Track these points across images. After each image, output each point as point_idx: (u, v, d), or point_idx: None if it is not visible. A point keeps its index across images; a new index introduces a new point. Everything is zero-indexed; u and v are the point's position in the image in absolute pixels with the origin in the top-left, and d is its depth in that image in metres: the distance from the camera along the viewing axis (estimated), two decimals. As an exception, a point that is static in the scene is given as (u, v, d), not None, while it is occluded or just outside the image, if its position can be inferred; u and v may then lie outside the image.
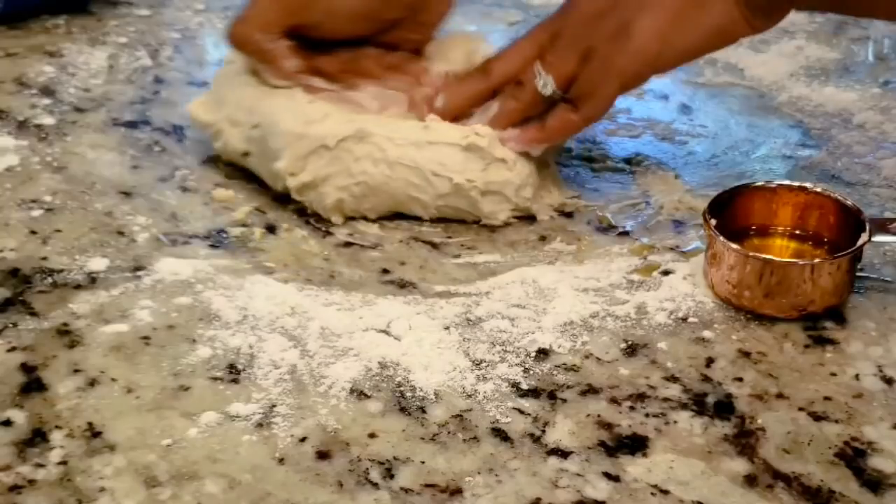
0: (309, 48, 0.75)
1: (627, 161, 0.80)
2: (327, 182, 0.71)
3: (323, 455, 0.54)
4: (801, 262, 0.64)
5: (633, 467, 0.53)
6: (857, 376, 0.59)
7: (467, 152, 0.71)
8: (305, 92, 0.74)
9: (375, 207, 0.73)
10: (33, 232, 0.72)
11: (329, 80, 0.75)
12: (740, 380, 0.59)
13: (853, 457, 0.54)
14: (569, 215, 0.74)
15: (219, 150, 0.78)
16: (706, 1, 0.68)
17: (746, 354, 0.61)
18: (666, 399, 0.58)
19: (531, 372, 0.60)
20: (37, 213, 0.74)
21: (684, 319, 0.64)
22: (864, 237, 0.63)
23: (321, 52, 0.76)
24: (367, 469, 0.53)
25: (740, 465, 0.54)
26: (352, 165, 0.71)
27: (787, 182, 0.69)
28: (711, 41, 0.71)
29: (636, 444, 0.55)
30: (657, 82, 0.90)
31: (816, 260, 0.64)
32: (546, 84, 0.71)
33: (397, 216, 0.74)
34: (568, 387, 0.59)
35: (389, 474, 0.53)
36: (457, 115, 0.73)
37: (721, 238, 0.64)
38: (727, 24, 0.69)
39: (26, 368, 0.60)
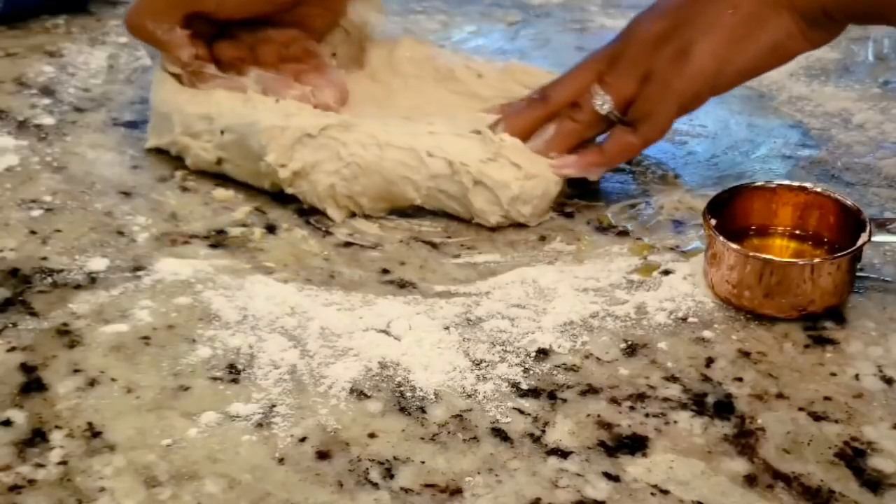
0: (214, 33, 0.77)
1: (627, 161, 0.80)
2: (317, 168, 0.72)
3: (323, 455, 0.54)
4: (800, 262, 0.64)
5: (633, 467, 0.53)
6: (857, 376, 0.59)
7: (471, 140, 0.71)
8: (195, 80, 0.76)
9: (367, 191, 0.72)
10: (33, 232, 0.72)
11: (224, 67, 0.76)
12: (740, 380, 0.59)
13: (853, 457, 0.54)
14: (569, 215, 0.74)
15: (192, 165, 0.78)
16: (763, 18, 0.68)
17: (746, 354, 0.61)
18: (666, 399, 0.58)
19: (531, 372, 0.60)
20: (37, 213, 0.74)
21: (684, 319, 0.64)
22: (863, 237, 0.63)
23: (224, 38, 0.77)
24: (367, 469, 0.53)
25: (740, 465, 0.54)
26: (341, 150, 0.71)
27: (786, 182, 0.69)
28: (769, 58, 0.70)
29: (636, 444, 0.55)
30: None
31: (816, 260, 0.64)
32: (604, 103, 0.71)
33: (397, 216, 0.74)
34: (568, 387, 0.59)
35: (389, 474, 0.53)
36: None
37: (721, 238, 0.64)
38: (784, 39, 0.69)
39: (26, 368, 0.60)
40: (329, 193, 0.73)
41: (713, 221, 0.65)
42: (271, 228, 0.73)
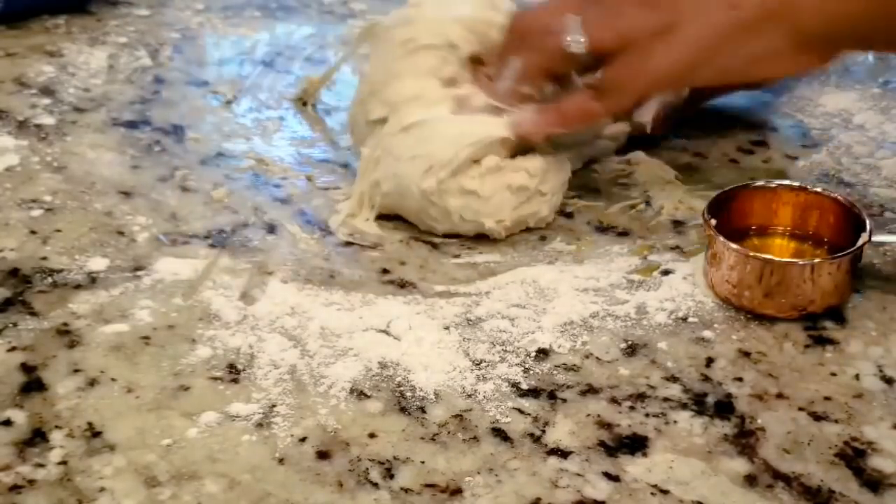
0: None
1: (627, 161, 0.80)
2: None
3: (323, 455, 0.54)
4: (800, 262, 0.64)
5: (633, 467, 0.53)
6: (857, 376, 0.60)
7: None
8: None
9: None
10: (33, 232, 0.72)
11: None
12: (740, 380, 0.59)
13: (853, 457, 0.54)
14: (569, 215, 0.74)
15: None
16: (760, 27, 0.65)
17: (746, 354, 0.61)
18: (666, 399, 0.58)
19: (531, 372, 0.60)
20: (37, 213, 0.74)
21: (684, 319, 0.64)
22: (863, 237, 0.63)
23: None
24: (367, 469, 0.53)
25: (740, 465, 0.54)
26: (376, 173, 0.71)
27: (787, 182, 0.70)
28: (752, 69, 0.67)
29: (636, 444, 0.55)
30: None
31: (816, 260, 0.64)
32: (578, 42, 0.66)
33: (397, 216, 0.74)
34: (568, 387, 0.59)
35: (389, 474, 0.53)
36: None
37: (721, 238, 0.64)
38: (773, 55, 0.66)
39: (26, 368, 0.60)
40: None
41: (713, 221, 0.65)
42: (271, 228, 0.73)
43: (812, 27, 0.64)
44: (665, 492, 0.52)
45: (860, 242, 0.63)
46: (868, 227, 0.64)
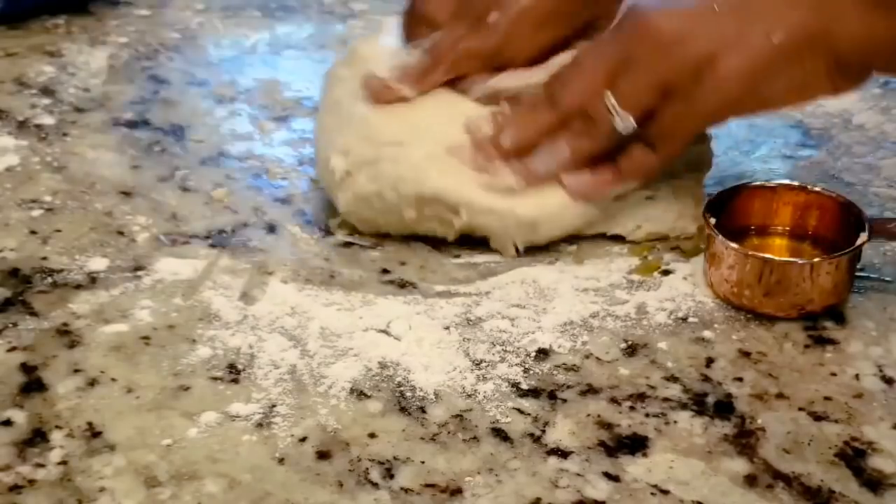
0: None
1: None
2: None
3: (323, 455, 0.54)
4: (800, 262, 0.64)
5: (633, 467, 0.53)
6: (857, 376, 0.59)
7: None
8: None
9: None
10: (33, 232, 0.72)
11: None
12: (740, 380, 0.59)
13: (853, 457, 0.54)
14: (569, 215, 0.74)
15: None
16: (799, 53, 0.62)
17: (746, 354, 0.61)
18: (666, 399, 0.58)
19: (531, 372, 0.60)
20: (37, 213, 0.74)
21: (684, 319, 0.64)
22: (862, 237, 0.63)
23: None
24: (367, 469, 0.53)
25: (740, 465, 0.54)
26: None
27: (786, 182, 0.70)
28: (793, 96, 0.65)
29: (636, 444, 0.55)
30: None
31: (815, 259, 0.64)
32: (625, 123, 0.64)
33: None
34: (568, 387, 0.59)
35: (389, 474, 0.53)
36: (523, 151, 0.67)
37: (720, 237, 0.64)
38: (812, 80, 0.63)
39: (26, 368, 0.60)
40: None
41: (713, 221, 0.65)
42: (271, 228, 0.73)
43: (849, 52, 0.62)
44: (665, 492, 0.52)
45: (859, 242, 0.63)
46: (867, 226, 0.64)
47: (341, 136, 0.70)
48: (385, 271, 0.69)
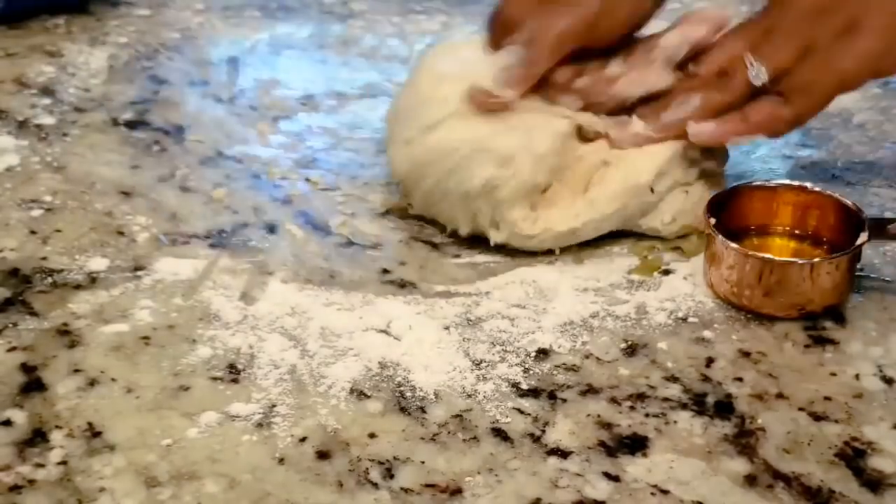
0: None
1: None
2: None
3: (323, 455, 0.54)
4: (800, 262, 0.64)
5: (633, 467, 0.53)
6: (857, 376, 0.60)
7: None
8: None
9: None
10: (33, 232, 0.72)
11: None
12: (740, 380, 0.59)
13: (853, 457, 0.54)
14: (569, 215, 0.74)
15: None
16: None
17: (746, 354, 0.61)
18: (666, 399, 0.58)
19: (531, 372, 0.60)
20: (37, 213, 0.74)
21: (684, 319, 0.64)
22: (862, 237, 0.63)
23: None
24: (367, 469, 0.53)
25: (740, 465, 0.54)
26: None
27: (786, 181, 0.70)
28: None
29: (636, 444, 0.55)
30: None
31: (815, 259, 0.64)
32: (759, 74, 0.65)
33: (397, 216, 0.74)
34: (568, 387, 0.59)
35: (389, 474, 0.53)
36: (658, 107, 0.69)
37: (720, 237, 0.64)
38: None
39: (26, 368, 0.60)
40: None
41: (713, 221, 0.65)
42: (271, 228, 0.73)
43: None
44: (665, 492, 0.52)
45: (859, 242, 0.63)
46: (867, 226, 0.64)
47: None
48: (385, 271, 0.69)
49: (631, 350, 0.61)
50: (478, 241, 0.71)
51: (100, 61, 0.96)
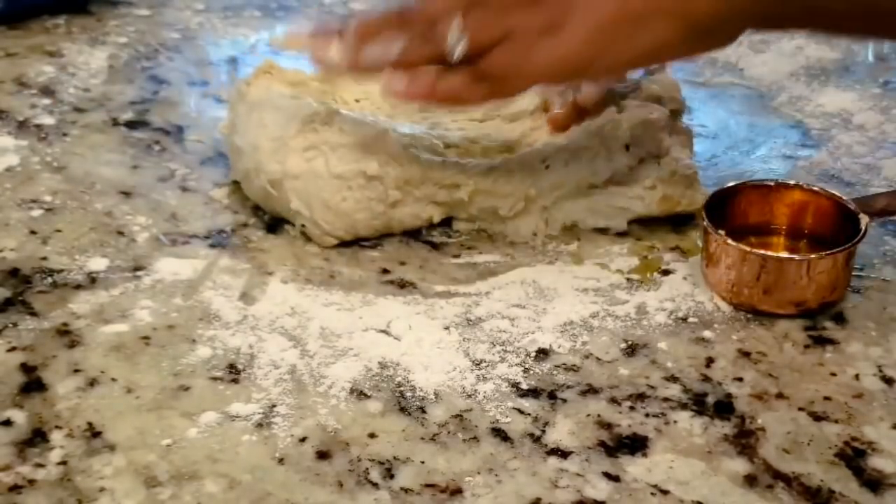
0: None
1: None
2: None
3: (323, 455, 0.54)
4: (797, 258, 0.64)
5: (633, 467, 0.53)
6: (857, 376, 0.60)
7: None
8: None
9: None
10: (33, 232, 0.72)
11: None
12: (740, 380, 0.59)
13: (853, 457, 0.54)
14: (569, 215, 0.74)
15: None
16: (648, 21, 0.62)
17: (746, 354, 0.61)
18: (666, 399, 0.58)
19: (531, 372, 0.60)
20: (37, 213, 0.74)
21: (684, 319, 0.64)
22: (862, 224, 0.63)
23: None
24: (367, 469, 0.53)
25: (740, 465, 0.54)
26: None
27: (783, 180, 0.70)
28: (644, 59, 0.68)
29: (636, 444, 0.55)
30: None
31: (813, 256, 0.64)
32: (458, 44, 0.64)
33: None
34: (568, 387, 0.59)
35: (389, 474, 0.53)
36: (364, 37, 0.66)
37: (719, 235, 0.64)
38: (664, 45, 0.64)
39: (26, 368, 0.60)
40: None
41: (712, 220, 0.65)
42: (271, 228, 0.73)
43: (709, 14, 0.62)
44: (665, 492, 0.52)
45: (856, 239, 0.63)
46: (863, 224, 0.64)
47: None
48: (385, 271, 0.69)
49: (631, 350, 0.61)
50: (478, 241, 0.71)
51: (100, 61, 0.96)
